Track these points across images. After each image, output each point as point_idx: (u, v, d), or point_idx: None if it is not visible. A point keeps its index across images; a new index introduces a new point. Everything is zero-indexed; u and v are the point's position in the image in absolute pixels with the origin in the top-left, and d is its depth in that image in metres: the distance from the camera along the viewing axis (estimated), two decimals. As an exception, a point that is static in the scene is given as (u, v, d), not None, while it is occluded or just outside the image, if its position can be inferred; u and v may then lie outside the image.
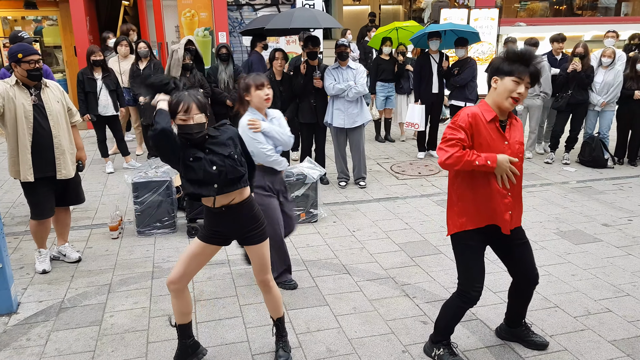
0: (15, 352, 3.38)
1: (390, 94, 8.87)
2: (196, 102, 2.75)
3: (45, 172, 4.21)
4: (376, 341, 3.47)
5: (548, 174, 7.33)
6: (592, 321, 3.69)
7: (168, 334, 3.55)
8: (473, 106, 2.94)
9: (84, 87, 7.01)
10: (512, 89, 2.78)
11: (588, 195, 6.39)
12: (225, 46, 7.36)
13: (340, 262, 4.63)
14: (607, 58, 7.25)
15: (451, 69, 7.66)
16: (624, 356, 3.29)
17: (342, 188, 6.72)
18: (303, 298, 4.02)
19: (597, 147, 7.52)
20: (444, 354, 3.18)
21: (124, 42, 7.97)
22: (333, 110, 6.44)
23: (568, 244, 4.99)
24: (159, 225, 5.22)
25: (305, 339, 3.50)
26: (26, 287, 4.22)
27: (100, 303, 3.97)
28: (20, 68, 4.03)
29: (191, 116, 2.73)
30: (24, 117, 4.05)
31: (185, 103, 2.71)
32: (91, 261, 4.67)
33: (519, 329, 3.38)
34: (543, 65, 7.51)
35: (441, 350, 3.19)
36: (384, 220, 5.62)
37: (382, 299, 4.01)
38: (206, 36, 10.61)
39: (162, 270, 4.48)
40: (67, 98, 4.42)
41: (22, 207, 5.90)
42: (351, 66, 6.36)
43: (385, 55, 8.66)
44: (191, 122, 2.74)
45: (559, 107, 7.53)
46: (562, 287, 4.16)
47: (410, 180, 7.08)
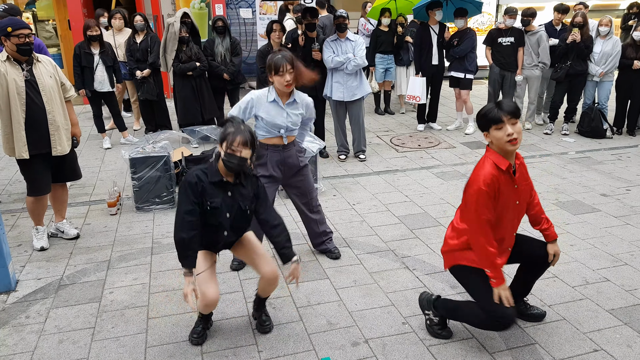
0: (15, 329, 3.39)
1: (390, 66, 8.77)
2: (249, 139, 2.84)
3: (40, 149, 4.17)
4: (376, 313, 3.48)
5: (547, 144, 7.29)
6: (591, 290, 3.70)
7: (168, 309, 3.56)
8: (487, 164, 2.85)
9: (81, 61, 6.91)
10: (501, 135, 2.79)
11: (587, 166, 6.37)
12: (221, 19, 7.25)
13: (340, 235, 4.63)
14: (605, 27, 7.16)
15: (451, 40, 7.57)
16: (622, 324, 3.31)
17: (341, 161, 6.69)
18: (303, 272, 4.02)
19: (595, 117, 7.48)
20: (437, 323, 3.20)
21: (117, 14, 7.79)
22: (332, 83, 6.37)
23: (567, 214, 4.99)
24: (157, 200, 5.20)
25: (306, 312, 3.51)
26: (24, 264, 4.21)
27: (100, 280, 3.97)
28: (9, 42, 3.94)
29: (240, 149, 2.82)
30: (16, 93, 3.99)
31: (242, 137, 2.81)
32: (90, 238, 4.67)
33: (518, 304, 3.38)
34: (540, 35, 7.43)
35: (436, 318, 3.20)
36: (384, 193, 5.60)
37: (382, 271, 4.02)
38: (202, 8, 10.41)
39: (161, 246, 4.48)
40: (61, 73, 4.35)
41: (19, 184, 5.87)
42: (350, 38, 6.26)
43: (384, 27, 8.53)
44: (238, 155, 2.83)
45: (557, 77, 7.46)
46: (560, 257, 4.15)
47: (410, 152, 7.04)
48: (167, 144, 5.36)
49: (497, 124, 2.78)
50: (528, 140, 7.42)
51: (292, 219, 4.88)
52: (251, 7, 11.21)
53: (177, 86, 7.04)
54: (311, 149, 5.23)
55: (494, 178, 2.81)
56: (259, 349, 3.15)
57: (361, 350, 3.14)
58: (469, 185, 2.89)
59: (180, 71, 6.85)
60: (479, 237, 2.85)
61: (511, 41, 7.48)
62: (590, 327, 3.30)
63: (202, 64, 6.93)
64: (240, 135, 2.81)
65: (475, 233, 2.86)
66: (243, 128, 2.85)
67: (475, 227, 2.86)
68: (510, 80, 7.68)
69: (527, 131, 7.94)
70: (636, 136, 7.62)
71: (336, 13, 6.34)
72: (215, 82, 7.28)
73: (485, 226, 2.83)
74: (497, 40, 7.57)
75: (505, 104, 2.81)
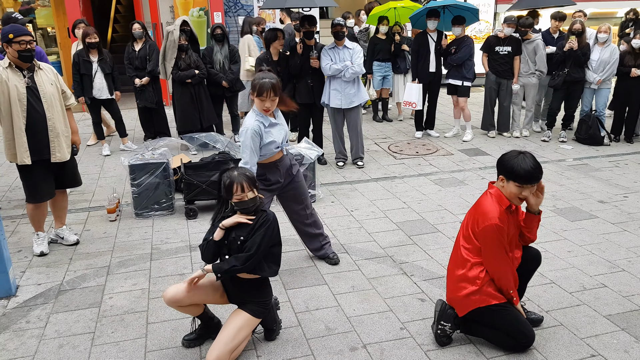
0: (15, 334, 3.40)
1: (387, 73, 8.82)
2: (247, 181, 2.96)
3: (40, 155, 4.19)
4: (374, 319, 3.50)
5: (545, 151, 7.33)
6: (588, 296, 3.72)
7: (167, 314, 3.58)
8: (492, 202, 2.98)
9: (80, 68, 6.95)
10: (516, 192, 2.93)
11: (584, 173, 6.41)
12: (220, 26, 7.30)
13: (339, 241, 4.65)
14: (603, 34, 7.20)
15: (448, 48, 7.62)
16: (619, 330, 3.33)
17: (340, 168, 6.72)
18: (302, 277, 4.04)
19: (593, 124, 7.52)
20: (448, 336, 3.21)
21: (81, 24, 7.50)
22: (330, 90, 6.41)
23: (564, 220, 5.01)
24: (156, 207, 5.22)
25: (304, 317, 3.52)
26: (24, 270, 4.23)
27: (99, 285, 3.99)
28: (11, 49, 3.98)
29: (245, 194, 2.94)
30: (18, 99, 4.02)
31: (238, 184, 2.94)
32: (89, 244, 4.68)
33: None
34: (537, 43, 7.49)
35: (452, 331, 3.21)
36: (382, 199, 5.63)
37: (380, 277, 4.03)
38: (201, 16, 10.50)
39: (160, 252, 4.49)
40: (61, 81, 4.38)
41: (19, 190, 5.89)
42: (348, 46, 6.30)
43: (381, 35, 8.60)
44: (246, 199, 2.95)
45: (555, 85, 7.51)
46: (558, 264, 4.19)
47: (408, 159, 7.08)
48: (166, 151, 5.39)
49: (521, 184, 2.90)
50: (526, 148, 7.46)
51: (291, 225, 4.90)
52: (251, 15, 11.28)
53: (176, 93, 7.08)
54: (309, 156, 5.26)
55: (502, 214, 2.95)
56: (258, 354, 3.17)
57: (359, 355, 3.15)
58: (480, 224, 2.96)
59: (179, 79, 6.89)
60: (505, 268, 3.03)
61: (509, 50, 7.54)
62: (588, 333, 3.32)
63: (201, 71, 6.97)
64: (236, 182, 2.92)
65: (501, 264, 3.01)
66: (237, 174, 2.96)
67: (499, 258, 3.00)
68: (506, 87, 7.73)
69: (525, 138, 7.99)
70: (634, 143, 7.66)
71: (334, 21, 6.39)
72: (214, 90, 7.32)
73: (507, 256, 3.01)
74: (495, 49, 7.63)
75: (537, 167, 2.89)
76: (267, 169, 3.81)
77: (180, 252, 4.48)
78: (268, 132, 3.67)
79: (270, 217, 3.03)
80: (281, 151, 3.84)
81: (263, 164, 3.77)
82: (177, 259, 4.37)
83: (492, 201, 2.99)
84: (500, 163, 3.00)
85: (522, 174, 2.87)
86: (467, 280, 3.07)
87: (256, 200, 3.00)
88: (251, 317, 3.05)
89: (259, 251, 2.95)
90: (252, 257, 2.93)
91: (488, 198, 3.02)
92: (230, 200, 3.00)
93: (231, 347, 2.95)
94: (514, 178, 2.90)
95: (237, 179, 2.95)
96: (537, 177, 2.90)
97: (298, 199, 4.08)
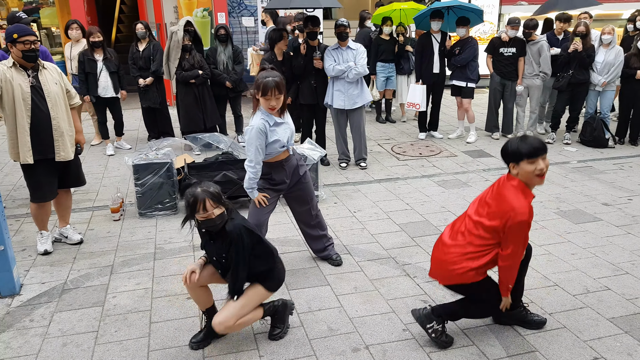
0: (19, 333, 3.41)
1: (391, 74, 8.82)
2: (210, 197, 2.81)
3: (44, 154, 4.20)
4: (377, 320, 3.50)
5: (549, 153, 7.23)
6: (591, 299, 3.71)
7: (170, 314, 3.59)
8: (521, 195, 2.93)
9: (84, 67, 6.98)
10: (532, 169, 2.91)
11: (588, 175, 6.39)
12: (224, 27, 7.31)
13: (341, 242, 4.65)
14: (607, 35, 7.19)
15: (452, 49, 7.61)
16: (622, 333, 3.32)
17: (342, 169, 6.72)
18: (304, 278, 4.05)
19: (598, 126, 7.50)
20: (441, 332, 3.21)
21: (74, 25, 7.39)
22: (333, 91, 6.41)
23: (568, 223, 5.00)
24: (160, 207, 5.23)
25: (307, 318, 3.53)
26: (28, 269, 4.24)
27: (103, 284, 4.00)
28: (15, 49, 4.00)
29: (211, 212, 2.81)
30: (22, 99, 4.03)
31: (200, 203, 2.79)
32: (93, 243, 4.70)
33: (517, 310, 3.39)
34: (542, 44, 7.47)
35: (440, 326, 3.21)
36: (385, 200, 5.63)
37: (382, 278, 4.03)
38: (205, 17, 10.52)
39: (163, 252, 4.50)
40: (66, 80, 4.40)
41: (23, 189, 5.90)
42: (351, 47, 6.30)
43: (385, 36, 8.59)
44: (213, 217, 2.82)
45: (559, 86, 7.50)
46: (561, 266, 4.18)
47: (411, 161, 7.07)
48: (169, 151, 5.40)
49: (531, 158, 2.88)
50: (529, 149, 7.44)
51: (293, 226, 4.91)
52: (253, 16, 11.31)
53: (180, 94, 7.09)
54: (312, 157, 5.26)
55: (530, 208, 2.93)
56: (260, 354, 3.17)
57: (362, 356, 3.15)
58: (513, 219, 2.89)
59: (183, 79, 6.90)
60: (519, 261, 3.05)
61: (513, 52, 7.52)
62: (591, 335, 3.31)
63: (205, 71, 6.98)
64: (199, 202, 2.79)
65: (518, 258, 3.02)
66: (200, 192, 2.82)
67: (520, 253, 3.01)
68: (511, 89, 7.72)
69: (528, 140, 7.97)
70: (638, 146, 7.63)
71: (337, 22, 6.39)
72: (218, 90, 7.33)
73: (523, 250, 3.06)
74: (499, 50, 7.62)
75: (536, 140, 2.92)
76: (272, 168, 3.81)
77: (184, 252, 4.49)
78: (273, 130, 3.68)
79: (234, 230, 2.88)
80: (287, 151, 3.84)
81: (269, 163, 3.78)
82: (180, 258, 4.38)
83: (517, 194, 2.93)
84: (504, 152, 3.00)
85: (529, 149, 2.88)
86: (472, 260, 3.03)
87: (224, 217, 2.87)
88: (263, 289, 3.08)
89: (242, 265, 2.92)
90: (238, 273, 2.93)
91: (512, 191, 2.95)
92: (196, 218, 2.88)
93: (238, 313, 2.99)
94: (523, 157, 2.89)
95: (200, 196, 2.80)
96: (543, 148, 2.91)
97: (304, 200, 4.08)
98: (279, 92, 3.57)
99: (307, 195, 4.08)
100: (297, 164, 3.97)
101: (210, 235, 3.00)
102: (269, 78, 3.55)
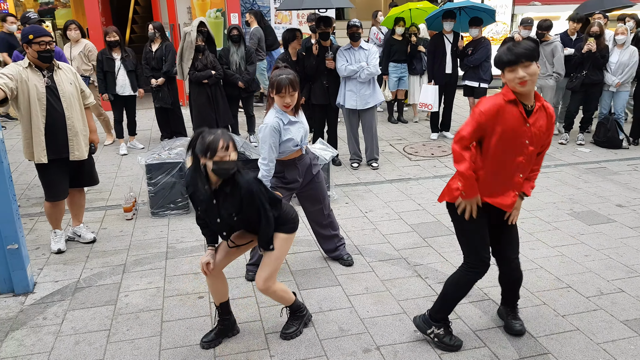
0: (32, 330, 3.45)
1: (403, 74, 8.80)
2: (233, 142, 2.79)
3: (59, 154, 4.25)
4: (388, 321, 3.49)
5: (562, 154, 7.26)
6: (605, 301, 3.68)
7: (182, 313, 3.60)
8: (496, 96, 2.91)
9: (103, 66, 7.14)
10: (512, 77, 2.83)
11: (602, 176, 6.33)
12: (236, 27, 7.33)
13: (353, 242, 4.64)
14: (621, 35, 7.12)
15: (465, 49, 7.58)
16: (636, 336, 3.29)
17: (354, 169, 6.71)
18: (315, 278, 4.05)
19: (612, 127, 7.43)
20: (443, 334, 3.19)
21: (72, 25, 7.41)
22: (345, 91, 6.41)
23: (581, 224, 4.96)
24: (172, 206, 5.26)
25: (318, 318, 3.53)
26: (42, 267, 4.28)
27: (115, 283, 4.03)
28: (31, 49, 4.05)
29: (229, 153, 2.76)
30: (37, 99, 4.08)
31: (225, 141, 2.75)
32: (106, 242, 4.73)
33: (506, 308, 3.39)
34: (555, 45, 7.41)
35: (441, 330, 3.19)
36: (397, 201, 5.61)
37: (394, 279, 4.02)
38: (218, 17, 10.57)
39: (175, 251, 4.53)
40: (80, 80, 4.44)
41: (37, 188, 5.97)
42: (363, 47, 6.30)
43: (397, 36, 8.58)
44: (227, 159, 2.76)
45: (573, 87, 7.44)
46: (575, 268, 4.14)
47: (423, 161, 7.05)
48: (182, 151, 5.43)
49: (510, 66, 2.81)
50: (542, 150, 7.39)
51: (305, 225, 4.91)
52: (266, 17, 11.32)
53: (193, 94, 7.13)
54: (324, 157, 5.26)
55: (495, 107, 2.86)
56: (271, 354, 3.18)
57: (373, 357, 3.14)
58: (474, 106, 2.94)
59: (196, 79, 6.93)
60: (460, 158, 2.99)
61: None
62: (604, 338, 3.28)
63: (218, 72, 7.01)
64: (223, 139, 2.74)
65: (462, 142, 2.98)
66: (221, 132, 2.78)
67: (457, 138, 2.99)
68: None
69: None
70: (652, 147, 7.56)
71: (349, 22, 6.39)
72: (230, 90, 7.35)
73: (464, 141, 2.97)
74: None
75: (521, 46, 2.82)
76: (285, 167, 3.82)
77: (195, 251, 4.51)
78: (287, 129, 3.69)
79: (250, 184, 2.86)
80: (300, 150, 3.85)
81: (282, 161, 3.80)
82: (192, 257, 4.40)
83: (496, 96, 2.92)
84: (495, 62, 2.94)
85: (509, 57, 2.80)
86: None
87: (236, 164, 2.80)
88: (284, 234, 3.11)
89: (268, 214, 2.94)
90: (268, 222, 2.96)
91: (493, 95, 2.95)
92: (207, 161, 2.76)
93: (275, 266, 3.11)
94: (505, 65, 2.84)
95: (222, 135, 2.75)
96: (524, 54, 2.78)
97: (317, 199, 4.09)
98: (293, 89, 3.59)
99: (320, 195, 4.08)
100: (310, 163, 3.97)
101: (216, 195, 2.89)
102: (283, 75, 3.57)
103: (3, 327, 3.48)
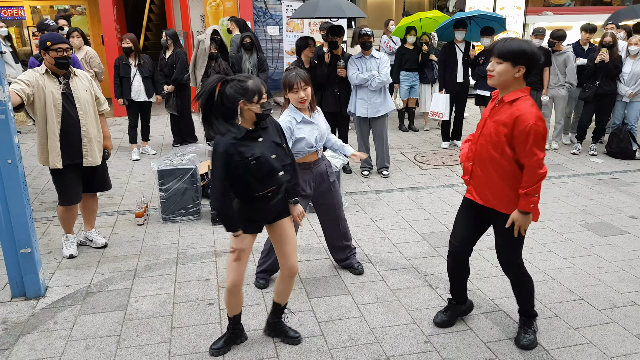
0: (43, 335, 3.46)
1: (414, 83, 8.81)
2: (265, 86, 2.99)
3: (73, 160, 4.29)
4: (398, 331, 3.47)
5: (574, 165, 7.21)
6: (618, 314, 3.64)
7: (192, 319, 3.61)
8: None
9: (119, 72, 7.26)
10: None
11: (615, 187, 6.28)
12: (249, 35, 7.38)
13: (363, 251, 4.63)
14: (634, 46, 7.08)
15: (477, 58, 7.58)
16: (651, 350, 3.25)
17: (365, 177, 6.71)
18: (325, 287, 4.04)
19: (625, 138, 7.38)
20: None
21: (75, 32, 7.36)
22: (356, 99, 6.42)
23: (594, 236, 4.92)
24: (183, 212, 5.28)
25: (327, 327, 3.52)
26: (54, 271, 4.31)
27: (126, 288, 4.05)
28: (48, 56, 4.10)
29: (264, 96, 2.93)
30: (53, 105, 4.13)
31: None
32: (117, 247, 4.76)
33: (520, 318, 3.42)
34: (568, 55, 7.39)
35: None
36: (407, 210, 5.60)
37: (404, 288, 4.01)
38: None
39: (186, 257, 4.54)
40: (96, 87, 4.49)
41: (50, 193, 6.02)
42: (375, 55, 6.31)
43: (409, 45, 8.59)
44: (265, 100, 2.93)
45: (586, 97, 7.40)
46: (587, 280, 4.11)
47: (434, 170, 7.03)
48: (194, 157, 5.46)
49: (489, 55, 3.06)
50: (555, 160, 7.35)
51: (315, 233, 4.91)
52: (278, 25, 11.39)
53: (205, 100, 7.16)
54: (335, 165, 5.27)
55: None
56: (281, 362, 3.17)
57: (382, 366, 3.13)
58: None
59: (209, 86, 6.97)
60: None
61: (538, 61, 7.44)
62: (617, 352, 3.24)
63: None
64: (262, 84, 2.94)
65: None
66: (253, 77, 2.97)
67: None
68: (535, 99, 7.63)
69: (554, 151, 7.87)
70: (666, 158, 7.49)
71: (361, 31, 6.41)
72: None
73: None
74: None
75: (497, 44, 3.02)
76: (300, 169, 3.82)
77: (206, 258, 4.52)
78: (300, 128, 3.71)
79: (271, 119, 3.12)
80: (316, 153, 3.86)
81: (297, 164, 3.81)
82: (202, 264, 4.41)
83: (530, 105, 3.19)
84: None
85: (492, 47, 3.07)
86: None
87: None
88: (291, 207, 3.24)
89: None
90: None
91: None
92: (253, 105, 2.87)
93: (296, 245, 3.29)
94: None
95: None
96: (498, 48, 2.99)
97: (332, 209, 4.09)
98: (305, 83, 3.64)
99: (335, 204, 4.08)
100: (327, 170, 3.98)
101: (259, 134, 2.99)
102: (293, 73, 3.65)
103: (14, 331, 3.50)
